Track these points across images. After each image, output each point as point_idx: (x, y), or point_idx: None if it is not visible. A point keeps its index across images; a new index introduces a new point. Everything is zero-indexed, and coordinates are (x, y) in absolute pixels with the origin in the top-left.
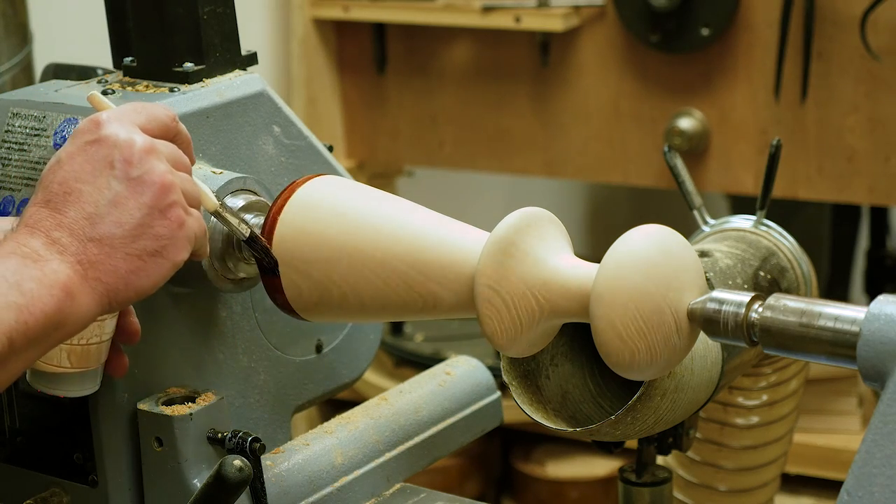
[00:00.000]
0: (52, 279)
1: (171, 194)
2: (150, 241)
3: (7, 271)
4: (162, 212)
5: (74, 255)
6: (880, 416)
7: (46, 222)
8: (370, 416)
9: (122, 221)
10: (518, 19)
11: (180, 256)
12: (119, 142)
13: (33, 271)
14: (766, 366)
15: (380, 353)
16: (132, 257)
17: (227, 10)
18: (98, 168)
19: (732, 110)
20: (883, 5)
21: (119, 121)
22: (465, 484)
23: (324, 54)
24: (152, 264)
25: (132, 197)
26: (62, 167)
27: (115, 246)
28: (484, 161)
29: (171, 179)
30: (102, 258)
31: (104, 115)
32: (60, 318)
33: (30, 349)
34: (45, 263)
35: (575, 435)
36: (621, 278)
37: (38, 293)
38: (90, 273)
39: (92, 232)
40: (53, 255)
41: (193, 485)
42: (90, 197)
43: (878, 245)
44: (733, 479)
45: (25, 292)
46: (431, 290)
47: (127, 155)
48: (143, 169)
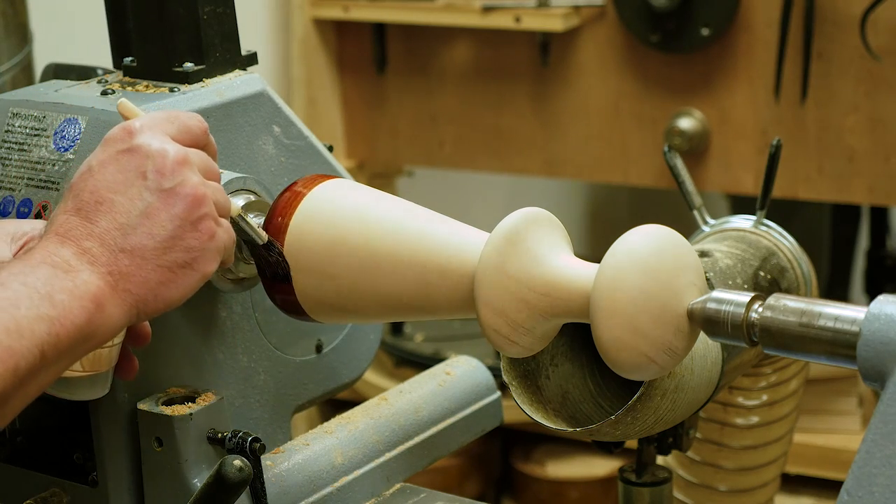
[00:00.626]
0: (83, 290)
1: (203, 206)
2: (180, 254)
3: (38, 282)
4: (193, 224)
5: (105, 266)
6: (880, 416)
7: (77, 231)
8: (370, 416)
9: (153, 233)
10: (518, 19)
11: (210, 268)
12: (152, 152)
13: (64, 282)
14: (766, 366)
15: (380, 353)
16: (163, 269)
17: (227, 10)
18: (130, 178)
19: (732, 110)
20: (883, 5)
21: (151, 130)
22: (465, 484)
23: (324, 54)
24: (182, 276)
25: (164, 208)
26: (93, 175)
27: (147, 257)
28: (484, 161)
29: (203, 191)
30: (133, 269)
31: (136, 124)
32: (90, 330)
33: (60, 361)
34: (76, 274)
35: (575, 435)
36: (621, 278)
37: (70, 305)
38: (120, 284)
39: (123, 242)
40: (84, 266)
41: (193, 485)
42: (122, 207)
43: (878, 245)
44: (733, 479)
45: (57, 304)
46: (432, 289)
47: (160, 165)
48: (175, 180)
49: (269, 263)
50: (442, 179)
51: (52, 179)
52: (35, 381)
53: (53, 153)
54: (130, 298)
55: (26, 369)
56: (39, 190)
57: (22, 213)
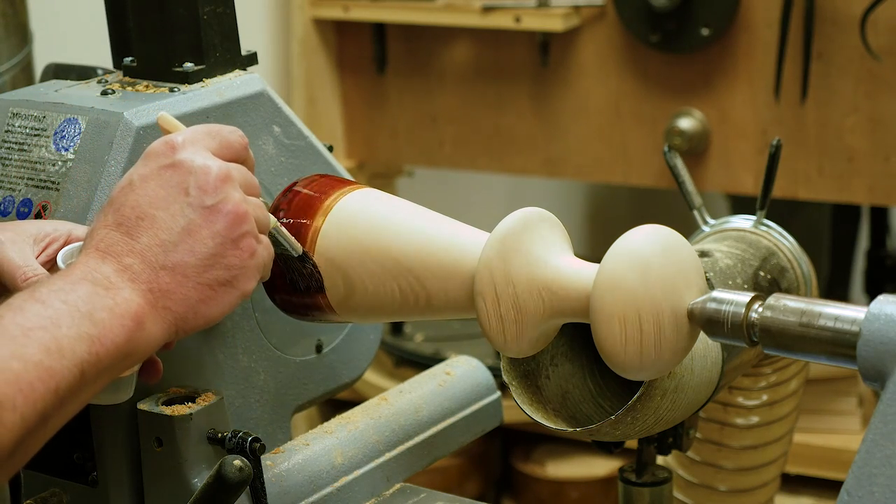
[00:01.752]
0: (123, 308)
1: (245, 224)
2: (221, 271)
3: (79, 300)
4: (235, 241)
5: (146, 283)
6: (880, 416)
7: (118, 247)
8: (370, 416)
9: (194, 250)
10: (518, 19)
11: (250, 286)
12: (195, 168)
13: (105, 300)
14: (766, 366)
15: (380, 353)
16: (203, 286)
17: (227, 10)
18: (172, 194)
19: (732, 110)
20: (883, 5)
21: (194, 145)
22: (465, 484)
23: (324, 54)
24: (222, 293)
25: (206, 226)
26: (134, 190)
27: (188, 275)
28: (484, 161)
29: (244, 209)
30: (174, 287)
31: (179, 139)
32: (130, 348)
33: (99, 379)
34: (117, 292)
35: (575, 435)
36: (621, 278)
37: (110, 324)
38: (160, 302)
39: (164, 259)
40: (125, 283)
41: (193, 485)
42: (163, 223)
43: (878, 245)
44: (733, 479)
45: (97, 322)
46: (432, 289)
47: (202, 182)
48: (218, 197)
49: (302, 275)
50: (442, 179)
51: (52, 179)
52: (74, 400)
53: (53, 153)
54: (170, 316)
55: (66, 389)
56: (39, 190)
57: (22, 213)
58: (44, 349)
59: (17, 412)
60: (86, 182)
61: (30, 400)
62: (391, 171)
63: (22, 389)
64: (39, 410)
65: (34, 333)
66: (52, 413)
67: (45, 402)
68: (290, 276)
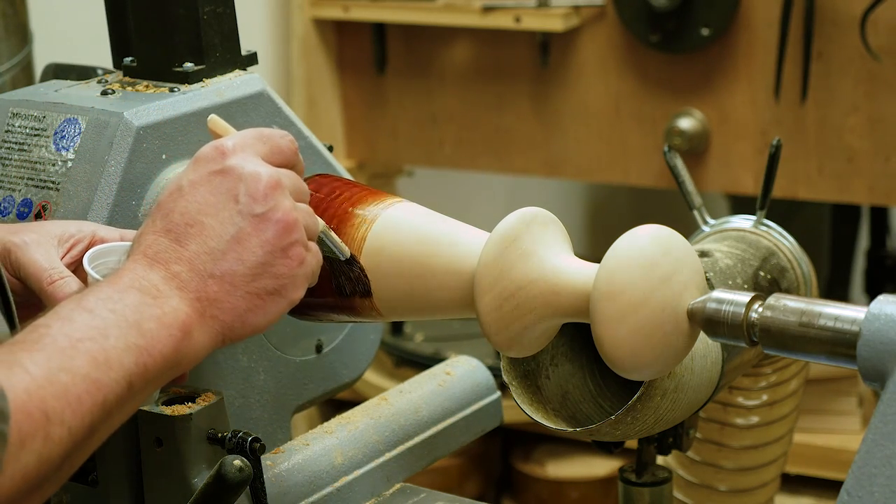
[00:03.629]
0: (171, 318)
1: (294, 233)
2: (270, 280)
3: (127, 309)
4: (284, 250)
5: (194, 292)
6: (880, 416)
7: (166, 254)
8: (370, 416)
9: (243, 259)
10: (518, 19)
11: (297, 294)
12: (245, 175)
13: (153, 309)
14: (766, 366)
15: (380, 353)
16: (251, 296)
17: (227, 10)
18: (222, 201)
19: (732, 110)
20: (883, 5)
21: (244, 150)
22: (465, 484)
23: (324, 54)
24: (270, 303)
25: (255, 234)
26: (184, 196)
27: (236, 284)
28: (484, 161)
29: (294, 217)
30: (222, 296)
31: (229, 144)
32: (177, 358)
33: (146, 390)
34: (165, 301)
35: (575, 435)
36: (621, 278)
37: (158, 334)
38: (208, 311)
39: (213, 268)
40: (173, 292)
41: (193, 485)
42: (213, 231)
43: (878, 245)
44: (733, 479)
45: (145, 333)
46: (433, 289)
47: (252, 189)
48: (268, 205)
49: (349, 278)
50: (442, 179)
51: (52, 179)
52: (121, 412)
53: (53, 153)
54: (217, 325)
55: (114, 401)
56: (39, 190)
57: (22, 213)
58: (92, 361)
59: (66, 426)
60: (86, 182)
61: (78, 413)
62: (391, 171)
63: (70, 403)
64: (87, 424)
65: (82, 345)
66: (99, 425)
67: (92, 416)
68: (335, 281)
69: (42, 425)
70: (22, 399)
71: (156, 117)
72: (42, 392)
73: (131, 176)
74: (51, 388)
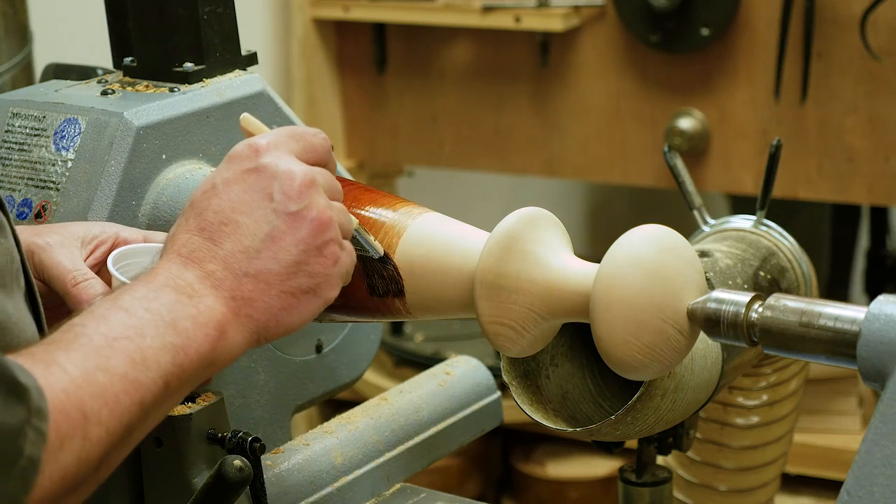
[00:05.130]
0: (207, 317)
1: (329, 231)
2: (304, 279)
3: (163, 308)
4: (318, 249)
5: (229, 291)
6: (880, 416)
7: (201, 252)
8: (370, 416)
9: (278, 257)
10: (518, 19)
11: (332, 293)
12: (279, 173)
13: (188, 309)
14: (766, 366)
15: (380, 353)
16: (286, 294)
17: (227, 10)
18: (257, 199)
19: (732, 110)
20: (883, 5)
21: (278, 149)
22: (465, 484)
23: (324, 54)
24: (305, 301)
25: (290, 232)
26: (218, 194)
27: (271, 282)
28: (484, 161)
29: (329, 215)
30: (256, 294)
31: (263, 142)
32: (213, 357)
33: (182, 390)
34: (200, 300)
35: (575, 435)
36: (621, 278)
37: (194, 333)
38: (243, 310)
39: (248, 267)
40: (208, 291)
41: (193, 485)
42: (247, 229)
43: (878, 245)
44: (733, 479)
45: (181, 332)
46: (433, 289)
47: (287, 188)
48: (302, 203)
49: (382, 277)
50: (442, 179)
51: (52, 179)
52: (157, 412)
53: (53, 153)
54: (252, 324)
55: (151, 401)
56: (39, 190)
57: (22, 212)
58: (129, 360)
59: (103, 426)
60: (86, 182)
61: (115, 413)
62: (391, 171)
63: (108, 403)
64: (125, 424)
65: (119, 344)
66: (137, 425)
67: (130, 415)
68: (368, 280)
69: (80, 425)
70: (60, 399)
71: (156, 117)
72: (80, 392)
73: (131, 176)
74: (88, 387)
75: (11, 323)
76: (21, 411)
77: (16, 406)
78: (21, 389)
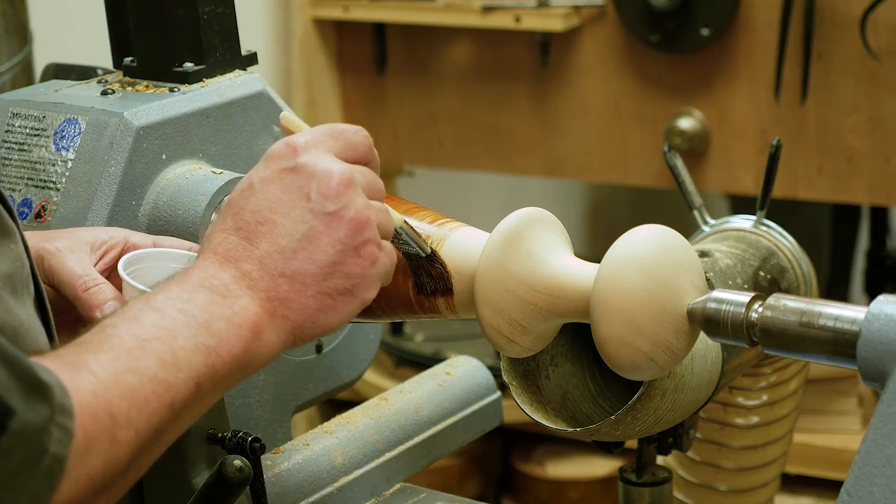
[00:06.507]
0: (241, 318)
1: (367, 231)
2: (341, 280)
3: (196, 308)
4: (356, 249)
5: (265, 291)
6: (880, 416)
7: (237, 252)
8: (370, 416)
9: (314, 258)
10: (518, 19)
11: (370, 294)
12: (317, 172)
13: (223, 309)
14: (766, 366)
15: (380, 353)
16: (322, 295)
17: (227, 10)
18: (294, 199)
19: (732, 110)
20: (883, 5)
21: (316, 147)
22: (465, 484)
23: (324, 54)
24: (342, 303)
25: (327, 232)
26: (255, 194)
27: (307, 283)
28: (484, 161)
29: (367, 215)
30: (292, 295)
31: (301, 140)
32: (247, 359)
33: (215, 391)
34: (235, 300)
35: (575, 435)
36: (621, 278)
37: (228, 334)
38: (279, 311)
39: (284, 267)
40: (244, 291)
41: (193, 485)
42: (284, 229)
43: (878, 245)
44: (733, 479)
45: (214, 333)
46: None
47: (324, 187)
48: (340, 203)
49: (430, 275)
50: (442, 179)
51: (52, 179)
52: (189, 413)
53: (53, 153)
54: (288, 325)
55: (182, 403)
56: (39, 190)
57: (22, 212)
58: (160, 362)
59: (132, 428)
60: (86, 182)
61: (144, 414)
62: (391, 171)
63: (137, 404)
64: (154, 425)
65: (150, 345)
66: (167, 427)
67: (160, 417)
68: (416, 279)
69: (108, 427)
70: (88, 401)
71: (156, 117)
72: (108, 394)
73: (131, 176)
74: (117, 389)
75: (24, 329)
76: (44, 409)
77: (38, 404)
78: (43, 387)
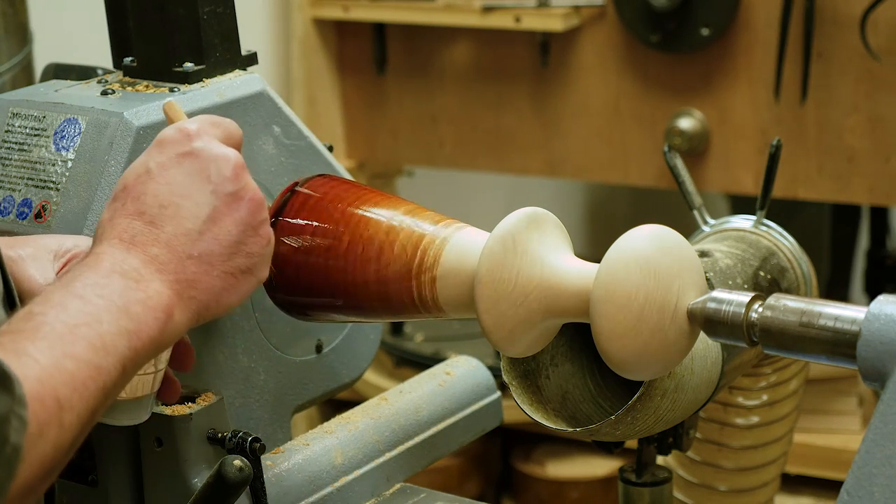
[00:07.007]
0: (155, 301)
1: (263, 210)
2: (243, 259)
3: (114, 294)
4: (255, 228)
5: (173, 274)
6: (880, 416)
7: (143, 237)
8: (370, 416)
9: (219, 238)
10: (518, 19)
11: (264, 273)
12: (214, 156)
13: (137, 293)
14: (766, 366)
15: (380, 353)
16: (227, 275)
17: (227, 10)
18: (195, 182)
19: (732, 110)
20: (883, 5)
21: (207, 133)
22: (465, 484)
23: (324, 54)
24: (243, 281)
25: (229, 213)
26: (154, 178)
27: (213, 263)
28: (484, 161)
29: (261, 196)
30: (200, 276)
31: (193, 128)
32: (161, 340)
33: (132, 373)
34: (147, 284)
35: (575, 435)
36: (621, 278)
37: (145, 318)
38: (187, 292)
39: (191, 249)
40: (153, 275)
41: (193, 485)
42: (188, 212)
43: (878, 245)
44: (733, 479)
45: (133, 317)
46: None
47: (224, 170)
48: (239, 184)
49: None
50: (442, 179)
51: (52, 179)
52: (113, 395)
53: (53, 153)
54: (195, 305)
55: (112, 385)
56: (39, 190)
57: (22, 213)
58: (90, 347)
59: (75, 412)
60: (86, 182)
61: (84, 399)
62: (391, 171)
63: (77, 389)
64: (91, 408)
65: (80, 331)
66: (99, 410)
67: (95, 400)
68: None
69: (56, 413)
70: (35, 388)
71: (156, 117)
72: (52, 380)
73: None
74: (59, 375)
75: None
76: (7, 400)
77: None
78: (7, 379)
